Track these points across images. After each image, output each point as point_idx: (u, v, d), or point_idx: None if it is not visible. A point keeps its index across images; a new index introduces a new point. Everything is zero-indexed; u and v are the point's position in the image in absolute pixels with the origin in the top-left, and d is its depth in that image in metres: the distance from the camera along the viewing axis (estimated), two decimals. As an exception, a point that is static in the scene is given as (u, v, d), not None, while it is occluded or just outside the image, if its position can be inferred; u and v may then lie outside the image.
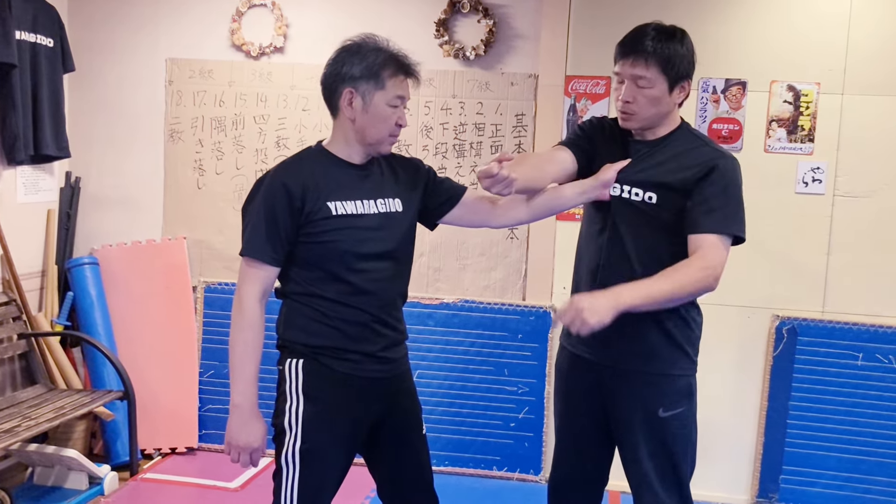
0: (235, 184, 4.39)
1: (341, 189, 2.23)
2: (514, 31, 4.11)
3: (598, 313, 2.06)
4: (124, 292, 4.37)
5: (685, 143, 2.42)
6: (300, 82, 4.29)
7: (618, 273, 2.36)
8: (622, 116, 2.40)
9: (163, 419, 4.28)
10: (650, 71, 2.32)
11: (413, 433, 2.43)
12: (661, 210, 2.37)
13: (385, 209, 2.28)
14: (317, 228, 2.19)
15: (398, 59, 2.24)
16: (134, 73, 4.44)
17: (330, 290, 2.23)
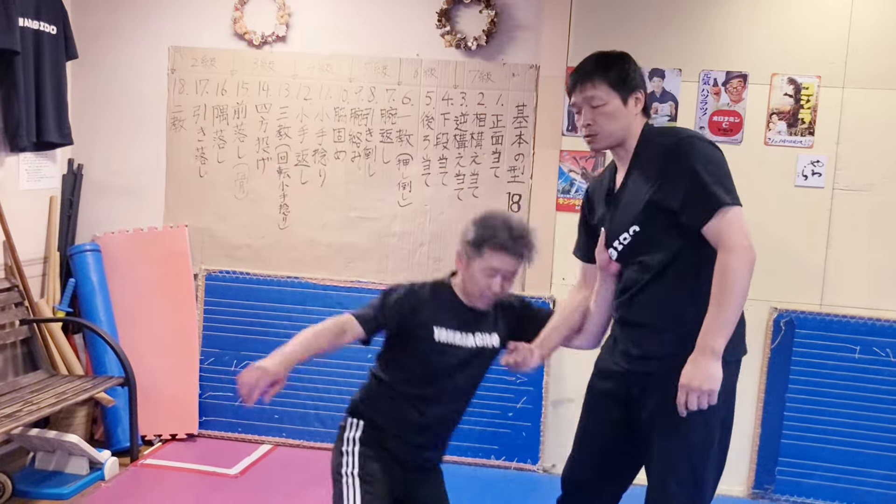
0: (237, 172, 4.40)
1: (450, 320, 2.55)
2: (516, 21, 4.11)
3: (711, 379, 2.24)
4: (126, 279, 4.38)
5: (645, 154, 2.44)
6: (302, 71, 4.30)
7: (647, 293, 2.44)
8: (588, 140, 2.49)
9: (163, 405, 4.30)
10: (599, 89, 2.43)
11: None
12: (649, 230, 2.41)
13: (482, 344, 2.58)
14: (418, 345, 2.53)
15: (504, 239, 2.48)
16: (136, 61, 4.45)
17: (411, 394, 2.56)
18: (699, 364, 2.24)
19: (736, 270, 2.27)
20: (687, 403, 2.24)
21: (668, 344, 2.38)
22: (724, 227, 2.31)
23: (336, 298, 4.28)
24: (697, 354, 2.25)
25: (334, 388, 4.29)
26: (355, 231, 4.35)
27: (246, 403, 2.40)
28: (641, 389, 2.44)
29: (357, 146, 4.30)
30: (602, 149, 2.52)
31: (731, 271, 2.27)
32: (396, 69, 4.23)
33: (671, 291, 2.39)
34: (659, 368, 2.38)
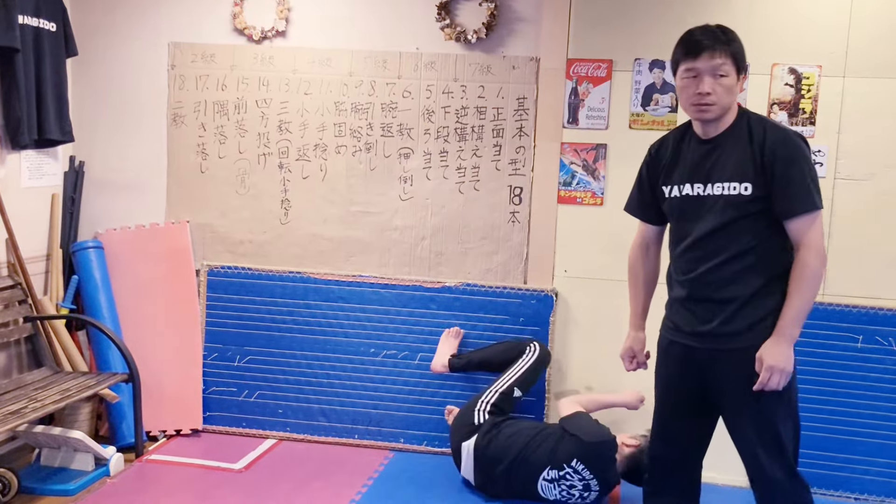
0: (238, 167, 4.41)
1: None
2: (516, 14, 4.11)
3: (790, 361, 2.52)
4: (128, 276, 4.39)
5: (743, 133, 2.61)
6: (302, 66, 4.30)
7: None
8: (701, 108, 2.58)
9: (167, 401, 4.32)
10: (727, 61, 2.56)
11: None
12: (734, 210, 2.59)
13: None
14: None
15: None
16: (137, 57, 4.45)
17: None
18: (781, 347, 2.51)
19: (814, 268, 2.52)
20: (769, 382, 2.51)
21: (738, 322, 2.59)
22: (810, 227, 2.54)
23: (338, 293, 4.29)
24: (779, 338, 2.52)
25: (338, 382, 4.30)
26: (357, 225, 4.35)
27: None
28: (713, 366, 2.65)
29: (358, 140, 4.30)
30: (712, 119, 2.61)
31: (810, 268, 2.52)
32: (396, 63, 4.23)
33: (746, 273, 2.58)
34: (730, 346, 2.60)
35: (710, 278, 2.62)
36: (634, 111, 4.01)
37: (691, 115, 2.66)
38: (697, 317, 2.67)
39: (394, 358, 4.26)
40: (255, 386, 4.38)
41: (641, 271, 3.01)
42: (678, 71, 2.64)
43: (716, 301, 2.62)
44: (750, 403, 2.59)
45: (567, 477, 3.46)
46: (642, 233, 3.01)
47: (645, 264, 3.01)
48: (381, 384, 4.28)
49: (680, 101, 2.68)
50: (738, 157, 2.59)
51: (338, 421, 4.32)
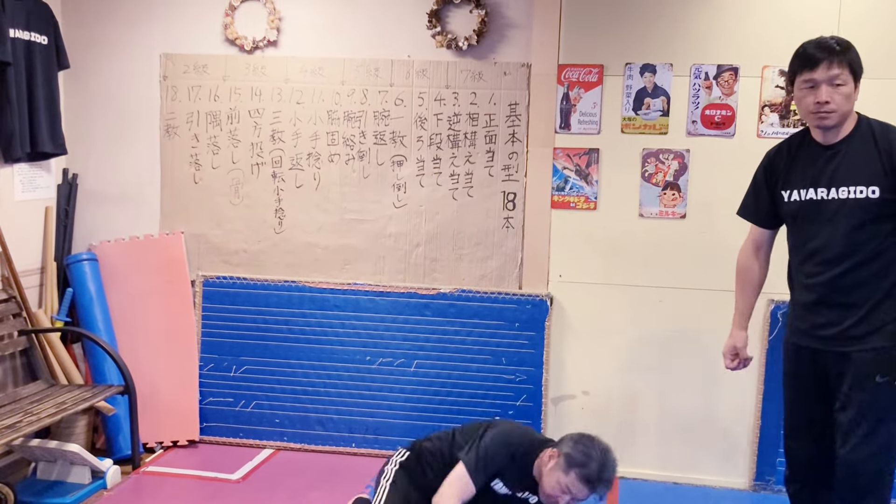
0: (232, 178, 4.41)
1: (513, 482, 3.01)
2: (507, 20, 4.12)
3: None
4: (123, 287, 4.39)
5: (866, 138, 2.73)
6: (294, 75, 4.30)
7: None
8: (820, 116, 2.69)
9: (164, 413, 4.31)
10: (844, 70, 2.67)
11: None
12: (864, 213, 2.69)
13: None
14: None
15: (592, 474, 2.82)
16: (128, 69, 4.45)
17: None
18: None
19: None
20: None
21: (865, 326, 2.69)
22: None
23: (333, 301, 4.29)
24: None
25: (334, 390, 4.29)
26: (351, 233, 4.35)
27: None
28: (838, 367, 2.75)
29: (351, 149, 4.30)
30: (831, 126, 2.71)
31: None
32: (388, 71, 4.24)
33: (875, 276, 2.68)
34: (857, 348, 2.70)
35: (838, 283, 2.72)
36: (626, 115, 4.03)
37: (811, 123, 2.78)
38: (824, 321, 2.76)
39: (389, 365, 4.26)
40: (252, 396, 4.38)
41: (751, 274, 3.09)
42: (796, 82, 2.76)
43: (844, 305, 2.72)
44: (867, 399, 2.69)
45: None
46: (754, 236, 3.09)
47: (756, 267, 3.08)
48: (378, 392, 4.27)
49: (798, 109, 2.80)
50: (863, 161, 2.69)
51: (335, 430, 4.31)
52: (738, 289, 3.13)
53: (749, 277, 3.09)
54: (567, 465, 2.82)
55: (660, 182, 4.02)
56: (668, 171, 4.01)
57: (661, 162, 4.01)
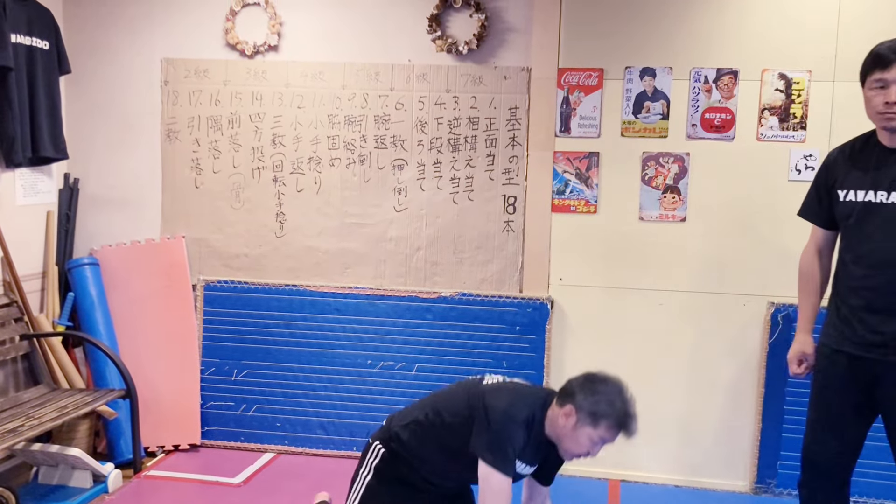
0: (233, 182, 4.42)
1: (529, 456, 2.72)
2: (507, 24, 4.13)
3: None
4: (124, 292, 4.40)
5: None
6: (295, 80, 4.31)
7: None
8: (888, 117, 2.69)
9: (165, 417, 4.31)
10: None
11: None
12: None
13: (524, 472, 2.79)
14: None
15: (622, 417, 2.61)
16: (130, 74, 4.46)
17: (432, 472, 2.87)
18: None
19: None
20: None
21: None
22: None
23: (334, 305, 4.30)
24: None
25: (335, 394, 4.30)
26: (352, 237, 4.36)
27: None
28: (876, 374, 2.75)
29: (351, 153, 4.31)
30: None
31: None
32: (389, 75, 4.25)
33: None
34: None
35: (888, 288, 2.70)
36: (626, 119, 4.03)
37: (878, 124, 2.77)
38: (868, 327, 2.75)
39: (391, 369, 4.26)
40: (253, 400, 4.38)
41: (815, 277, 3.07)
42: (866, 82, 2.75)
43: (891, 312, 2.70)
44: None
45: None
46: (816, 238, 3.06)
47: (818, 270, 3.06)
48: (379, 395, 4.28)
49: (867, 110, 2.78)
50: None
51: (336, 433, 4.32)
52: (801, 293, 3.10)
53: (812, 281, 3.07)
54: (592, 419, 2.60)
55: (660, 185, 4.03)
56: (668, 175, 4.01)
57: (661, 165, 4.02)
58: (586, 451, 2.64)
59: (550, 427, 2.70)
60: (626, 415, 2.62)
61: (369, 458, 2.94)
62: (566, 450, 2.69)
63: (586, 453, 2.65)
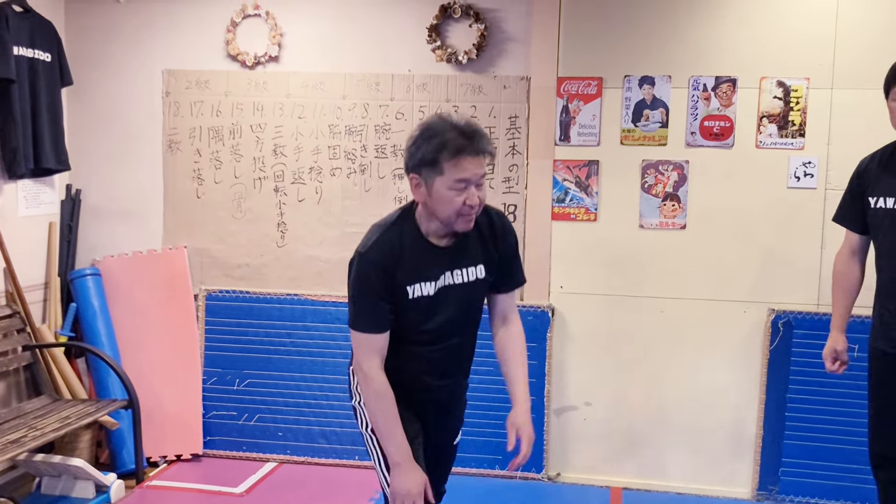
0: (234, 192, 4.43)
1: (421, 271, 2.36)
2: (506, 34, 4.15)
3: None
4: (127, 302, 4.41)
5: None
6: (296, 90, 4.33)
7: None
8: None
9: (167, 427, 4.32)
10: None
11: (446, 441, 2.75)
12: None
13: (467, 279, 2.43)
14: (398, 308, 2.36)
15: (456, 142, 2.21)
16: (131, 86, 4.48)
17: (400, 349, 2.44)
18: None
19: None
20: None
21: None
22: None
23: (335, 314, 4.31)
24: None
25: (337, 403, 4.30)
26: (353, 246, 4.30)
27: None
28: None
29: (352, 162, 4.33)
30: None
31: None
32: (389, 85, 4.27)
33: None
34: None
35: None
36: (625, 127, 4.05)
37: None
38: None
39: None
40: (255, 409, 4.39)
41: (849, 279, 3.18)
42: (890, 93, 2.86)
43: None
44: None
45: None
46: (850, 242, 3.17)
47: (853, 272, 3.17)
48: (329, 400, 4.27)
49: (891, 119, 2.88)
50: None
51: (338, 442, 4.32)
52: (835, 294, 3.22)
53: (846, 282, 3.19)
54: (432, 164, 2.22)
55: (659, 193, 4.04)
56: (668, 182, 4.03)
57: (661, 173, 4.03)
58: (460, 203, 2.25)
59: (418, 212, 2.37)
60: (458, 133, 2.22)
61: (352, 384, 2.63)
62: (446, 219, 2.28)
63: (464, 206, 2.25)
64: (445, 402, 2.63)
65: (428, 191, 2.27)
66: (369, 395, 2.39)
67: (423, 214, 2.36)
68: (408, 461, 2.38)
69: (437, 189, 2.25)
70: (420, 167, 2.26)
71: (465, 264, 2.42)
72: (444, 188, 2.24)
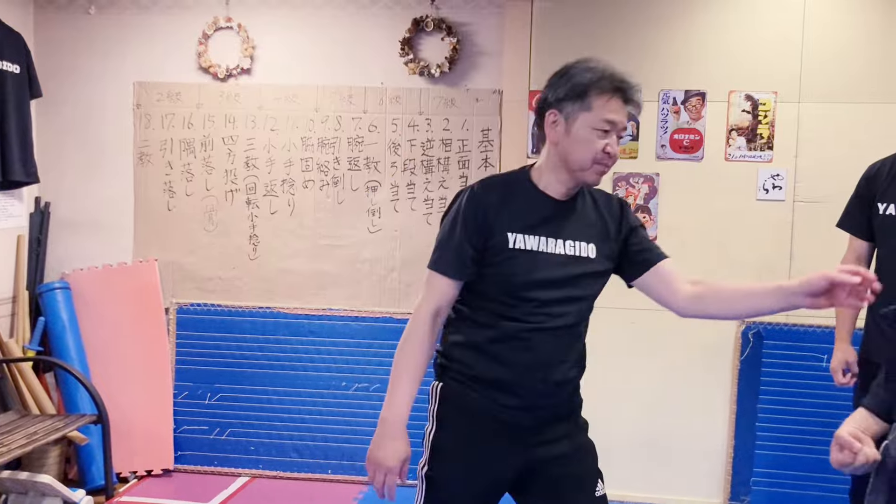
0: (206, 205, 4.41)
1: (527, 222, 2.07)
2: (478, 48, 4.18)
3: None
4: (96, 316, 4.36)
5: None
6: (268, 102, 4.33)
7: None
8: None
9: (138, 442, 4.27)
10: None
11: (576, 492, 2.19)
12: None
13: (574, 252, 2.10)
14: (494, 259, 2.05)
15: (611, 80, 2.01)
16: (101, 98, 4.45)
17: (496, 323, 2.09)
18: None
19: None
20: None
21: None
22: None
23: (308, 327, 4.29)
24: None
25: (309, 416, 4.28)
26: (326, 259, 4.36)
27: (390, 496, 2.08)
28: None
29: (325, 175, 4.32)
30: None
31: None
32: (362, 98, 4.27)
33: None
34: None
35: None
36: (597, 140, 4.07)
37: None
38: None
39: (366, 391, 4.25)
40: (227, 423, 4.35)
41: None
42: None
43: None
44: None
45: None
46: (855, 250, 3.15)
47: None
48: (353, 418, 4.26)
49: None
50: None
51: (310, 456, 4.29)
52: None
53: None
54: (579, 97, 2.00)
55: (631, 205, 4.07)
56: (639, 195, 4.06)
57: (632, 186, 4.06)
58: (599, 147, 2.00)
59: (548, 165, 2.09)
60: (614, 74, 2.02)
61: (430, 407, 2.23)
62: (580, 164, 2.02)
63: (602, 153, 2.01)
64: (546, 417, 2.16)
65: (567, 128, 2.02)
66: (404, 336, 2.12)
67: (546, 164, 2.09)
68: (395, 423, 2.07)
69: (579, 127, 2.00)
70: (564, 101, 2.02)
71: (577, 236, 2.10)
72: (586, 127, 2.00)
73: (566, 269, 2.08)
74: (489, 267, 2.06)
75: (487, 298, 2.08)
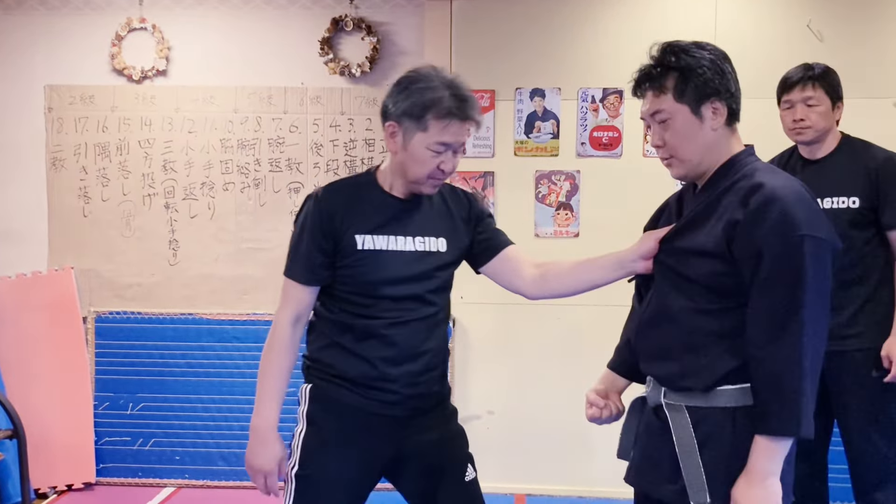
0: (123, 210, 4.30)
1: (374, 223, 2.14)
2: (398, 47, 4.17)
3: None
4: (10, 326, 4.22)
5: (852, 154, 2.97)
6: (184, 104, 4.25)
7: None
8: (798, 131, 2.96)
9: (57, 455, 4.15)
10: (817, 92, 2.92)
11: (447, 478, 2.26)
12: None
13: (424, 248, 2.18)
14: (345, 261, 2.13)
15: (449, 103, 2.04)
16: (11, 101, 4.31)
17: (354, 323, 2.17)
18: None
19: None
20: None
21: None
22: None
23: (232, 333, 4.23)
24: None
25: (236, 424, 4.21)
26: (249, 262, 4.30)
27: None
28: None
29: (246, 177, 4.27)
30: (805, 141, 2.99)
31: None
32: (282, 98, 4.23)
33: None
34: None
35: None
36: (518, 139, 4.12)
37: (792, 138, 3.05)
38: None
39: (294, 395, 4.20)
40: (150, 434, 4.26)
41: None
42: (781, 103, 3.02)
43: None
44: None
45: None
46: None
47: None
48: (281, 423, 4.20)
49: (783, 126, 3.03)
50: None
51: (238, 464, 4.23)
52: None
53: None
54: (416, 119, 2.03)
55: (553, 203, 4.12)
56: (561, 192, 4.12)
57: (554, 183, 4.12)
58: (434, 165, 2.07)
59: (384, 173, 2.19)
60: (452, 94, 2.04)
61: (300, 408, 2.29)
62: (415, 178, 2.10)
63: (437, 169, 2.08)
64: (415, 407, 2.19)
65: (404, 144, 2.08)
66: (267, 344, 2.24)
67: (390, 168, 2.17)
68: (267, 430, 2.18)
69: (415, 146, 2.06)
70: (402, 117, 2.06)
71: (426, 232, 2.18)
72: (422, 146, 2.06)
73: (418, 264, 2.16)
74: (342, 269, 2.14)
75: (344, 300, 2.16)
